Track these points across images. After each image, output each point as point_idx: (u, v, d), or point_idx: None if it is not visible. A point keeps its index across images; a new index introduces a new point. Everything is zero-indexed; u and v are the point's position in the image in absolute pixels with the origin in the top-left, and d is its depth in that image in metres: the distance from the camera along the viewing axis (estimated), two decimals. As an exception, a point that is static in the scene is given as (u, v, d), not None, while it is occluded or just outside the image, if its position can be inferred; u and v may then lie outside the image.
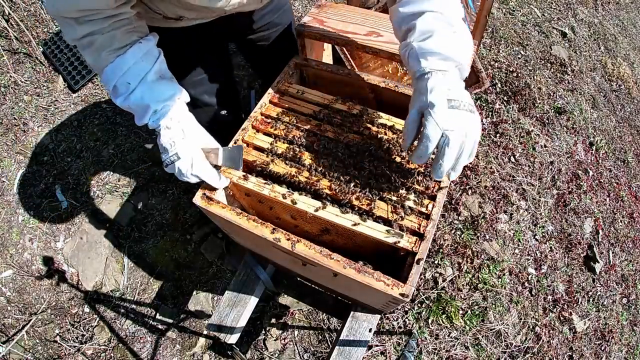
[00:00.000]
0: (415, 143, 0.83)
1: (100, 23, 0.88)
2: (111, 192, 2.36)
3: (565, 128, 2.92)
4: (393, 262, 1.01)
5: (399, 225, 0.95)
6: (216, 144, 1.04)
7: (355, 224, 0.94)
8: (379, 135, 1.10)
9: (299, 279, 1.56)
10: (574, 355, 2.20)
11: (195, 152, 0.97)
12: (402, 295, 0.86)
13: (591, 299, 2.39)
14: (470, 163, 2.46)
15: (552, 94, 3.01)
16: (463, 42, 0.83)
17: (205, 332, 2.03)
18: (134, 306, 2.10)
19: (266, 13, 1.41)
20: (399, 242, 0.92)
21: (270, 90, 1.21)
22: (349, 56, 2.31)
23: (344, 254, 0.92)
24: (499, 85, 2.92)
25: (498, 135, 2.69)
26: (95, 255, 2.19)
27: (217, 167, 1.02)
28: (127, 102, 0.94)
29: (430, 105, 0.78)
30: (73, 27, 0.88)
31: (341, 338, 1.29)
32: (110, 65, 0.92)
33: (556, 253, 2.44)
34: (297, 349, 2.01)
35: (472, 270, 2.21)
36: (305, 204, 0.98)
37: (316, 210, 0.97)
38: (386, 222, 0.96)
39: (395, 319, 2.08)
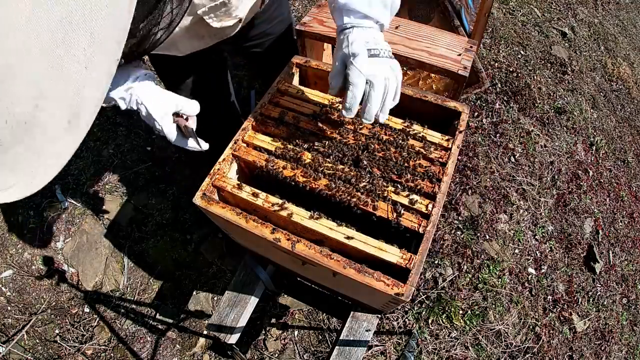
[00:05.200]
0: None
1: None
2: (111, 192, 2.36)
3: (565, 128, 2.92)
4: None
5: (397, 224, 0.95)
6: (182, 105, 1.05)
7: (348, 238, 0.93)
8: (379, 135, 1.10)
9: (299, 279, 1.56)
10: (574, 355, 2.20)
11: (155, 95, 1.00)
12: (402, 295, 0.86)
13: (591, 299, 2.39)
14: (470, 163, 2.46)
15: (552, 94, 3.01)
16: (384, 4, 0.89)
17: (205, 332, 2.03)
18: (134, 306, 2.10)
19: (260, 23, 1.41)
20: (392, 259, 0.91)
21: (270, 90, 1.21)
22: (349, 56, 2.31)
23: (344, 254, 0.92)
24: (499, 85, 2.92)
25: (498, 135, 2.69)
26: (95, 255, 2.19)
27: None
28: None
29: (352, 56, 0.86)
30: None
31: (341, 338, 1.29)
32: None
33: (556, 253, 2.44)
34: (297, 349, 2.01)
35: (472, 270, 2.21)
36: (299, 215, 0.97)
37: (312, 219, 0.96)
38: (386, 222, 0.96)
39: (395, 319, 2.08)
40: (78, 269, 2.16)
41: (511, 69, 2.98)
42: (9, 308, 2.04)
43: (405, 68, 2.28)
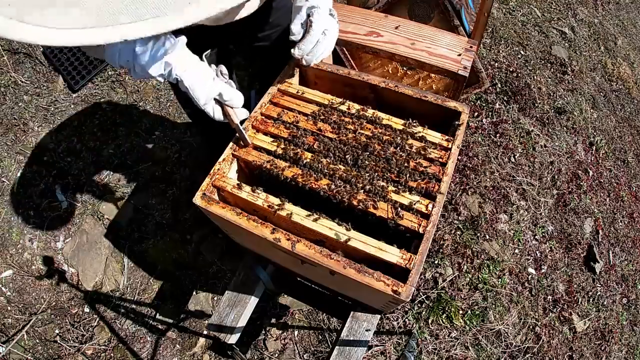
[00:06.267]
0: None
1: None
2: (111, 192, 2.36)
3: (565, 128, 2.92)
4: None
5: (396, 225, 0.95)
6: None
7: (348, 239, 0.93)
8: (379, 135, 1.10)
9: (299, 279, 1.56)
10: (574, 355, 2.20)
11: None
12: (402, 295, 0.86)
13: (591, 299, 2.39)
14: (470, 163, 2.46)
15: (552, 94, 3.01)
16: None
17: (205, 332, 2.03)
18: (134, 306, 2.10)
19: (268, 14, 1.41)
20: (392, 259, 0.91)
21: (270, 90, 1.21)
22: (349, 56, 2.31)
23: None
24: (499, 85, 2.92)
25: (498, 135, 2.69)
26: (95, 255, 2.19)
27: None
28: (136, 76, 0.96)
29: (318, 7, 1.04)
30: None
31: (341, 338, 1.29)
32: (106, 52, 0.93)
33: (556, 253, 2.44)
34: (297, 349, 2.01)
35: (472, 270, 2.21)
36: (299, 215, 0.97)
37: (312, 219, 0.96)
38: (386, 222, 0.96)
39: (395, 319, 2.08)
40: (78, 269, 2.16)
41: (511, 69, 2.98)
42: (9, 308, 2.04)
43: (405, 68, 2.28)
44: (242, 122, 1.09)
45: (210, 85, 0.99)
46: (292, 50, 1.08)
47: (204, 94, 0.98)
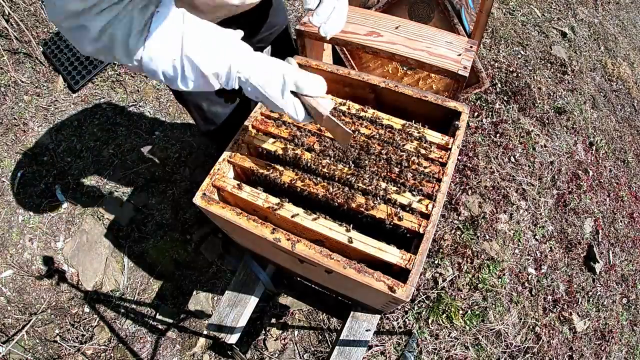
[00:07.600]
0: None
1: (114, 10, 0.72)
2: (111, 192, 2.36)
3: (565, 128, 2.91)
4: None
5: (396, 226, 0.95)
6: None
7: (349, 240, 0.93)
8: (379, 135, 1.10)
9: (299, 279, 1.56)
10: (574, 355, 2.20)
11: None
12: (401, 295, 0.86)
13: (591, 299, 2.39)
14: (470, 163, 2.45)
15: (552, 94, 3.01)
16: None
17: (205, 332, 2.03)
18: (134, 306, 2.10)
19: (267, 14, 1.42)
20: (392, 260, 0.91)
21: (270, 90, 1.21)
22: (349, 56, 2.31)
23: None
24: (499, 85, 2.92)
25: (498, 135, 2.69)
26: (95, 255, 2.19)
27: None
28: (188, 86, 0.82)
29: None
30: (86, 29, 0.73)
31: (341, 338, 1.29)
32: (143, 54, 0.78)
33: (556, 253, 2.44)
34: (297, 349, 2.01)
35: (472, 270, 2.21)
36: (299, 215, 0.97)
37: (311, 219, 0.96)
38: (384, 224, 0.96)
39: (395, 319, 2.08)
40: (78, 269, 2.16)
41: (511, 69, 2.98)
42: (9, 308, 2.04)
43: (405, 68, 2.28)
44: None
45: (283, 77, 0.83)
46: (310, 19, 1.08)
47: (279, 89, 0.82)
